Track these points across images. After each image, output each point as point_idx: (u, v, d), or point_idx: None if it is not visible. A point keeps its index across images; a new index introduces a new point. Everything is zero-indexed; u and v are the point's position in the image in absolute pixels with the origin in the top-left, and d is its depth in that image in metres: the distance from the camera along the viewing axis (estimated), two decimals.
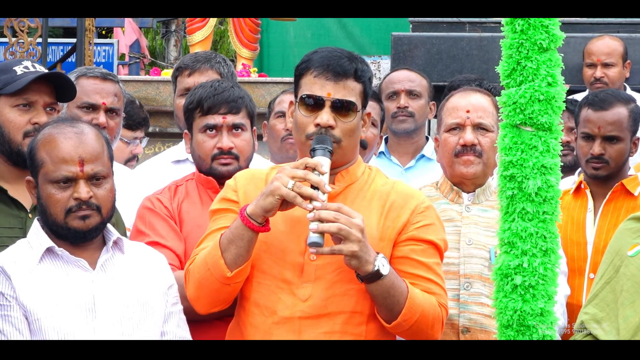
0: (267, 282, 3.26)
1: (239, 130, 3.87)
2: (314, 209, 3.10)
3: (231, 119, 3.85)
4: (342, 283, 3.24)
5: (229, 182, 3.41)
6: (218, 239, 3.22)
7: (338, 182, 3.32)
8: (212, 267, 3.21)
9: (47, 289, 3.18)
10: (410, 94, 5.42)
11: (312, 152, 3.21)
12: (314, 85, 3.28)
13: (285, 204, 3.15)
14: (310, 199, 3.11)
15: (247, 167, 3.87)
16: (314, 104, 3.27)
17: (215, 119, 3.85)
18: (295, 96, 3.37)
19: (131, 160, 5.70)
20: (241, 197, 3.33)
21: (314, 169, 3.15)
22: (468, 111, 3.90)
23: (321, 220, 3.09)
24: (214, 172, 3.86)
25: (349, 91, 3.29)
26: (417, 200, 3.37)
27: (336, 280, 3.24)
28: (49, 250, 3.24)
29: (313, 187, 3.13)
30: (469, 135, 3.87)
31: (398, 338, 3.58)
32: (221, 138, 3.84)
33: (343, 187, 3.32)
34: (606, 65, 6.72)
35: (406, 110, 5.38)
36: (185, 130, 4.00)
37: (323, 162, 3.17)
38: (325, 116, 3.25)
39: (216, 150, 3.84)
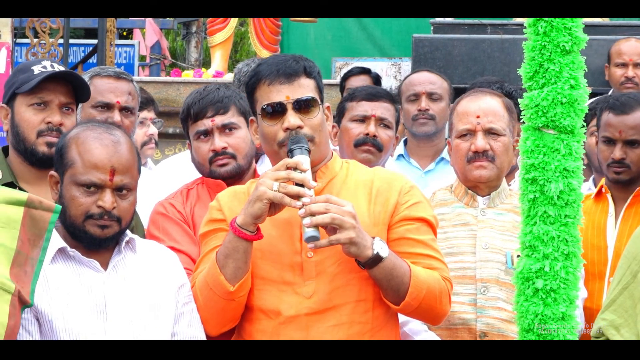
0: (268, 287, 3.27)
1: (231, 129, 3.87)
2: (303, 205, 3.12)
3: (220, 119, 3.87)
4: (343, 274, 3.26)
5: (211, 204, 3.43)
6: (214, 257, 3.24)
7: (320, 179, 3.34)
8: (213, 286, 3.23)
9: (59, 289, 3.17)
10: (431, 96, 5.37)
11: (290, 154, 3.23)
12: (270, 94, 3.31)
13: (273, 207, 3.18)
14: (297, 196, 3.13)
15: (248, 163, 3.90)
16: (276, 110, 3.30)
17: (204, 124, 3.88)
18: (253, 112, 3.40)
19: (148, 143, 5.62)
20: (227, 214, 3.35)
21: (295, 168, 3.17)
22: (478, 116, 3.88)
23: (313, 214, 3.11)
24: (214, 174, 3.87)
25: (305, 88, 3.32)
26: (400, 181, 3.40)
27: (337, 272, 3.26)
28: (60, 251, 3.23)
29: (298, 185, 3.15)
30: (480, 142, 3.86)
31: (406, 329, 3.58)
32: (213, 140, 3.86)
33: (325, 183, 3.35)
34: (638, 65, 6.70)
35: (427, 113, 5.34)
36: (188, 141, 4.01)
37: (303, 160, 3.20)
38: (292, 118, 3.28)
39: (211, 153, 3.86)
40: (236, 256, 3.19)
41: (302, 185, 3.15)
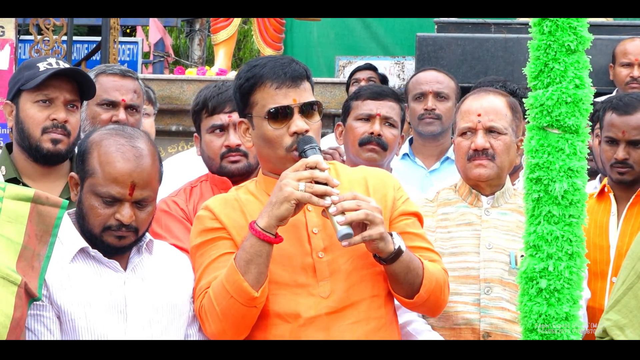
0: (282, 291, 3.23)
1: None
2: (332, 203, 3.11)
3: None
4: (356, 271, 3.26)
5: (201, 214, 3.35)
6: (233, 264, 3.16)
7: None
8: (235, 293, 3.15)
9: (80, 289, 3.15)
10: (438, 96, 5.35)
11: (304, 154, 3.20)
12: (276, 97, 3.26)
13: (295, 209, 3.15)
14: (324, 195, 3.12)
15: (257, 164, 3.88)
16: (283, 114, 3.26)
17: (221, 118, 3.87)
18: (244, 114, 3.35)
19: None
20: (225, 221, 3.29)
21: (314, 168, 3.15)
22: (479, 115, 3.89)
23: (344, 212, 3.10)
24: (224, 170, 3.86)
25: (308, 92, 3.31)
26: (391, 178, 3.46)
27: (351, 269, 3.25)
28: (81, 251, 3.22)
29: (321, 184, 3.14)
30: (480, 140, 3.87)
31: (409, 329, 3.58)
32: (228, 136, 3.85)
33: None
34: None
35: (433, 112, 5.32)
36: (195, 134, 4.00)
37: (321, 159, 3.18)
38: (299, 122, 3.25)
39: (224, 148, 3.85)
40: (259, 261, 3.13)
41: (325, 184, 3.14)
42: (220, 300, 3.18)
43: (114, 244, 3.20)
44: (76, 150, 3.35)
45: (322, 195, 3.12)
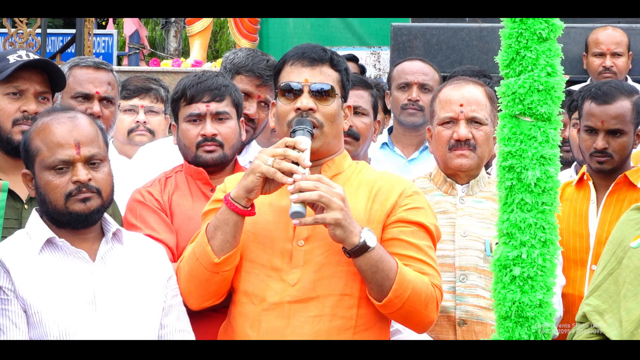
0: (256, 271, 3.28)
1: (223, 118, 3.87)
2: (294, 181, 3.13)
3: (215, 106, 3.87)
4: (330, 265, 3.25)
5: (219, 186, 3.45)
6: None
7: (324, 172, 3.34)
8: (200, 256, 3.25)
9: (47, 281, 3.15)
10: (423, 87, 5.36)
11: (292, 134, 3.26)
12: (291, 74, 3.35)
13: (268, 185, 3.19)
14: (290, 173, 3.15)
15: (232, 155, 3.90)
16: (293, 91, 3.33)
17: (199, 108, 3.87)
18: (276, 96, 3.42)
19: (135, 129, 5.37)
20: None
21: (293, 147, 3.18)
22: (462, 105, 3.90)
23: (301, 191, 3.11)
24: (199, 160, 3.86)
25: (326, 77, 3.36)
26: (404, 184, 3.39)
27: (324, 262, 3.25)
28: (49, 242, 3.21)
29: (294, 163, 3.16)
30: (462, 130, 3.87)
31: (394, 330, 3.57)
32: (205, 125, 3.85)
33: (329, 177, 3.32)
34: (615, 54, 6.73)
35: (417, 103, 5.33)
36: (173, 122, 4.00)
37: (302, 140, 3.21)
38: (305, 100, 3.31)
39: (200, 137, 3.86)
40: (225, 229, 3.21)
41: (297, 164, 3.15)
42: (189, 261, 3.30)
43: (81, 210, 3.20)
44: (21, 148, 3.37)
45: (288, 173, 3.14)
